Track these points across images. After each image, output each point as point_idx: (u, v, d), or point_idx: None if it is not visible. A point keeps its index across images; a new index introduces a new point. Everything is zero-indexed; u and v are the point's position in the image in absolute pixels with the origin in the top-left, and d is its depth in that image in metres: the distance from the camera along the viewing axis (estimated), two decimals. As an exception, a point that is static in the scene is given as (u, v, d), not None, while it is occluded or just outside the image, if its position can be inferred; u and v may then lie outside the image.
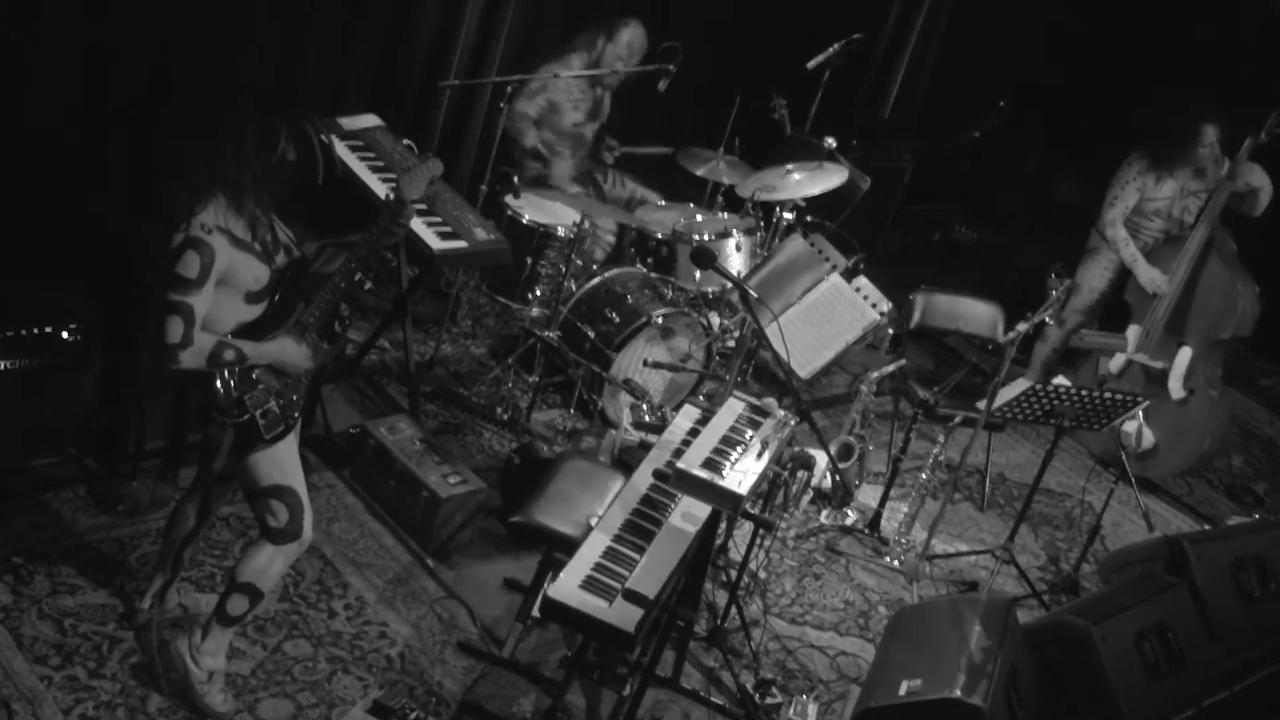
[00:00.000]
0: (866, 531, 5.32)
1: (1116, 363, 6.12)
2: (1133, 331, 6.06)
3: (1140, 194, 5.98)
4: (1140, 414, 5.48)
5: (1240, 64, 7.21)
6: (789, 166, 5.98)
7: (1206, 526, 6.01)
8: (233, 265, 3.39)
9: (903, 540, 5.22)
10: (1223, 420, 6.03)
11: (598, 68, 5.97)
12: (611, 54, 5.95)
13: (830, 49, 6.82)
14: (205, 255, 3.31)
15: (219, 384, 3.47)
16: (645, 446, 4.85)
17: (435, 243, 5.02)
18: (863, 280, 5.29)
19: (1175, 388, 5.96)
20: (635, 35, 5.95)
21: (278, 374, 3.58)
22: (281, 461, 3.60)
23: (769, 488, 4.48)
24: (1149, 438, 6.05)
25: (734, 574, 4.56)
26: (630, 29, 5.95)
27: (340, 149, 5.21)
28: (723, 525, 4.45)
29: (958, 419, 5.30)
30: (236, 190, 3.37)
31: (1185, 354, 5.95)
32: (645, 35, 5.98)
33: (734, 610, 4.53)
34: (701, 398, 5.41)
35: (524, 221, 5.76)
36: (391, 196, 3.65)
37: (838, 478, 5.32)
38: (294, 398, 3.62)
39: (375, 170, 5.22)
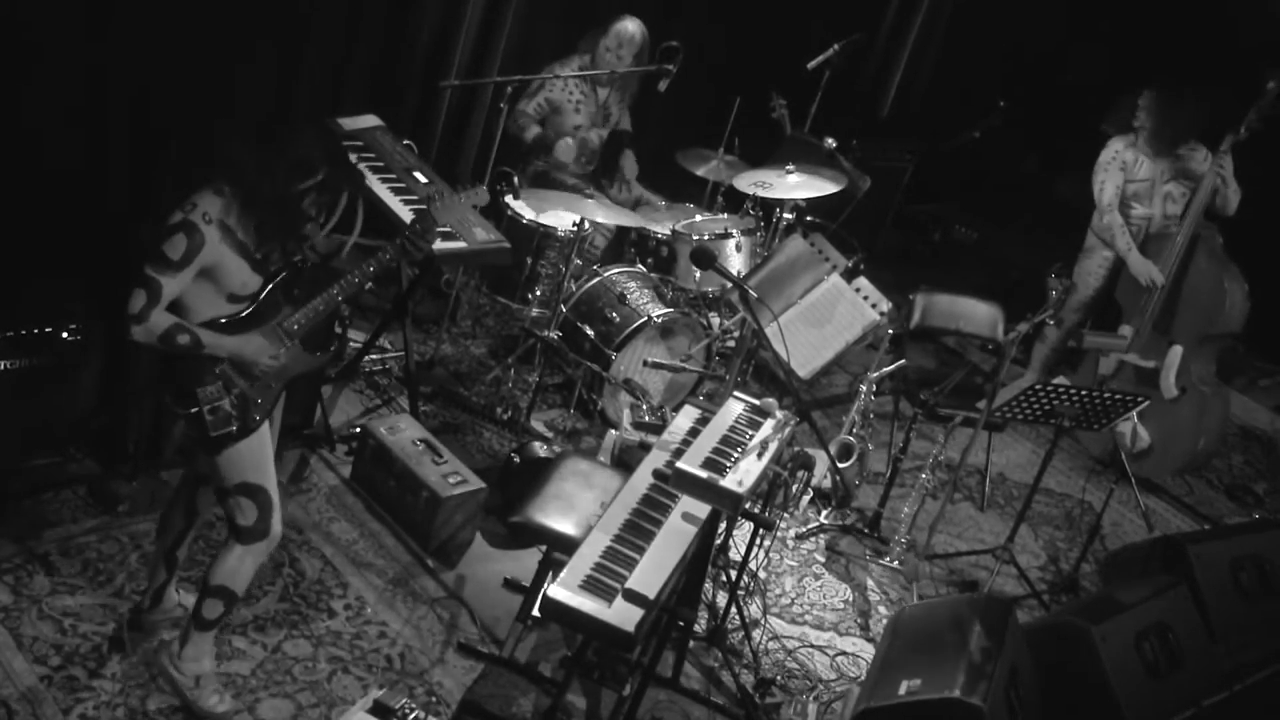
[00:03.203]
0: (866, 531, 5.32)
1: (1109, 364, 6.12)
2: (1125, 331, 6.07)
3: (1124, 173, 5.97)
4: (1135, 414, 5.48)
5: (1233, 62, 7.21)
6: (789, 167, 5.98)
7: (1206, 526, 6.02)
8: (221, 262, 3.36)
9: (903, 540, 5.22)
10: (1217, 418, 6.01)
11: (595, 65, 5.98)
12: (603, 48, 5.96)
13: (830, 49, 6.82)
14: (194, 241, 3.29)
15: (176, 371, 3.44)
16: (645, 446, 4.85)
17: (435, 243, 5.01)
18: (863, 280, 5.29)
19: (1167, 386, 5.96)
20: (625, 28, 5.95)
21: (245, 373, 3.52)
22: (255, 459, 3.56)
23: (769, 488, 4.47)
24: (1144, 437, 6.05)
25: (734, 574, 4.56)
26: (621, 22, 5.96)
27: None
28: (723, 525, 4.46)
29: (958, 419, 5.30)
30: (251, 198, 3.36)
31: (1176, 352, 5.95)
32: (641, 29, 5.98)
33: (734, 610, 4.53)
34: (701, 398, 5.41)
35: (524, 221, 5.76)
36: (420, 217, 3.63)
37: (838, 478, 5.32)
38: (258, 400, 3.54)
39: (375, 170, 5.20)
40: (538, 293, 5.77)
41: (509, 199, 5.76)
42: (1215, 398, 5.99)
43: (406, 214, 5.02)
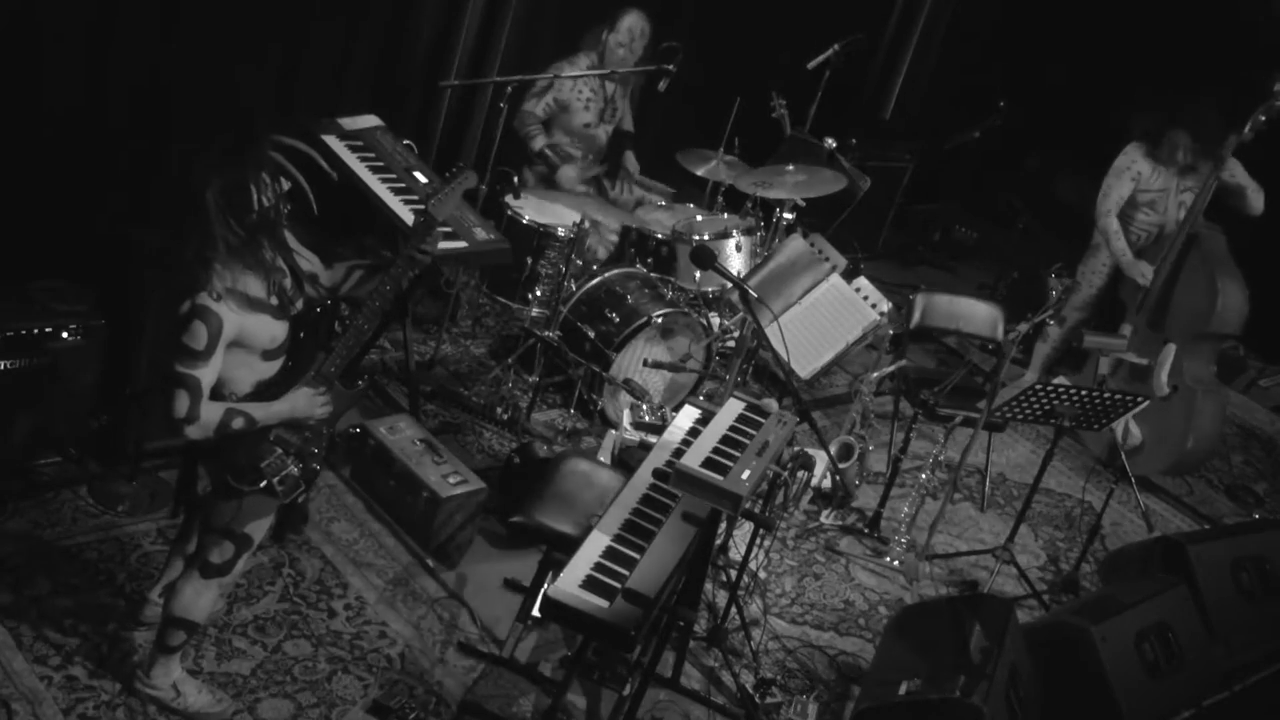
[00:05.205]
0: (866, 531, 5.32)
1: (1108, 362, 6.12)
2: (1126, 330, 6.07)
3: (1135, 184, 5.97)
4: (1129, 411, 5.49)
5: (1236, 62, 7.22)
6: (789, 167, 5.98)
7: (1206, 526, 6.02)
8: (244, 329, 3.27)
9: (903, 540, 5.22)
10: (1209, 418, 5.99)
11: (603, 61, 6.00)
12: (614, 42, 5.98)
13: (830, 49, 6.83)
14: (213, 325, 3.19)
15: (229, 452, 3.36)
16: (645, 446, 4.85)
17: (439, 242, 5.01)
18: (863, 280, 5.29)
19: (1159, 384, 5.96)
20: (635, 21, 5.98)
21: (296, 429, 3.47)
22: (261, 514, 3.52)
23: (769, 488, 4.47)
24: (1135, 434, 6.06)
25: (734, 574, 4.56)
26: (629, 15, 5.99)
27: (342, 151, 5.16)
28: (723, 525, 4.46)
29: (958, 419, 5.30)
30: (231, 252, 3.23)
31: (1169, 350, 5.96)
32: (646, 21, 6.01)
33: (734, 610, 4.53)
34: (701, 398, 5.41)
35: (524, 221, 5.76)
36: (420, 218, 3.60)
37: (838, 478, 5.32)
38: (314, 450, 3.51)
39: (375, 170, 5.21)
40: (538, 293, 5.77)
41: (509, 199, 5.76)
42: (1209, 398, 5.98)
43: (407, 214, 5.03)
